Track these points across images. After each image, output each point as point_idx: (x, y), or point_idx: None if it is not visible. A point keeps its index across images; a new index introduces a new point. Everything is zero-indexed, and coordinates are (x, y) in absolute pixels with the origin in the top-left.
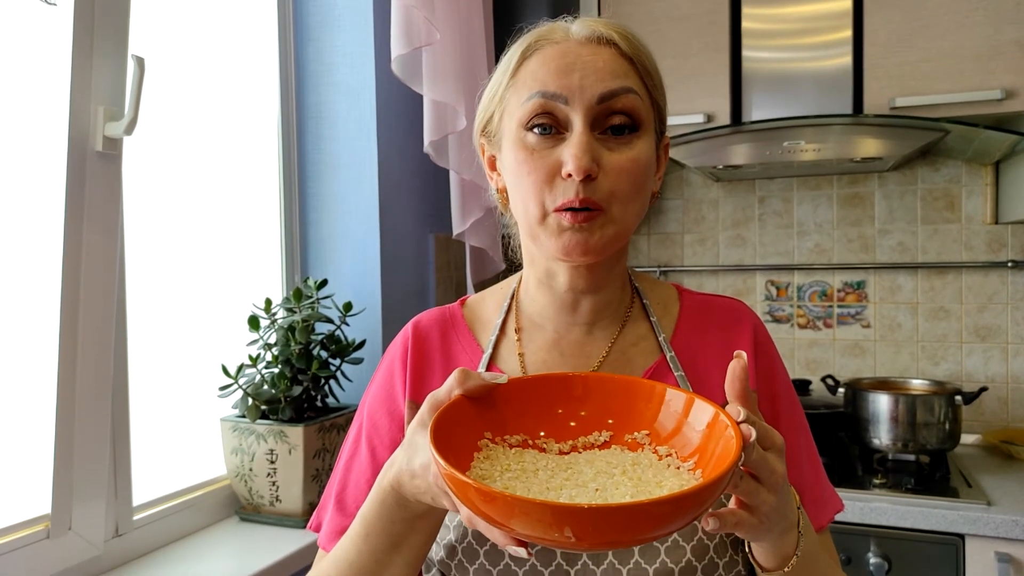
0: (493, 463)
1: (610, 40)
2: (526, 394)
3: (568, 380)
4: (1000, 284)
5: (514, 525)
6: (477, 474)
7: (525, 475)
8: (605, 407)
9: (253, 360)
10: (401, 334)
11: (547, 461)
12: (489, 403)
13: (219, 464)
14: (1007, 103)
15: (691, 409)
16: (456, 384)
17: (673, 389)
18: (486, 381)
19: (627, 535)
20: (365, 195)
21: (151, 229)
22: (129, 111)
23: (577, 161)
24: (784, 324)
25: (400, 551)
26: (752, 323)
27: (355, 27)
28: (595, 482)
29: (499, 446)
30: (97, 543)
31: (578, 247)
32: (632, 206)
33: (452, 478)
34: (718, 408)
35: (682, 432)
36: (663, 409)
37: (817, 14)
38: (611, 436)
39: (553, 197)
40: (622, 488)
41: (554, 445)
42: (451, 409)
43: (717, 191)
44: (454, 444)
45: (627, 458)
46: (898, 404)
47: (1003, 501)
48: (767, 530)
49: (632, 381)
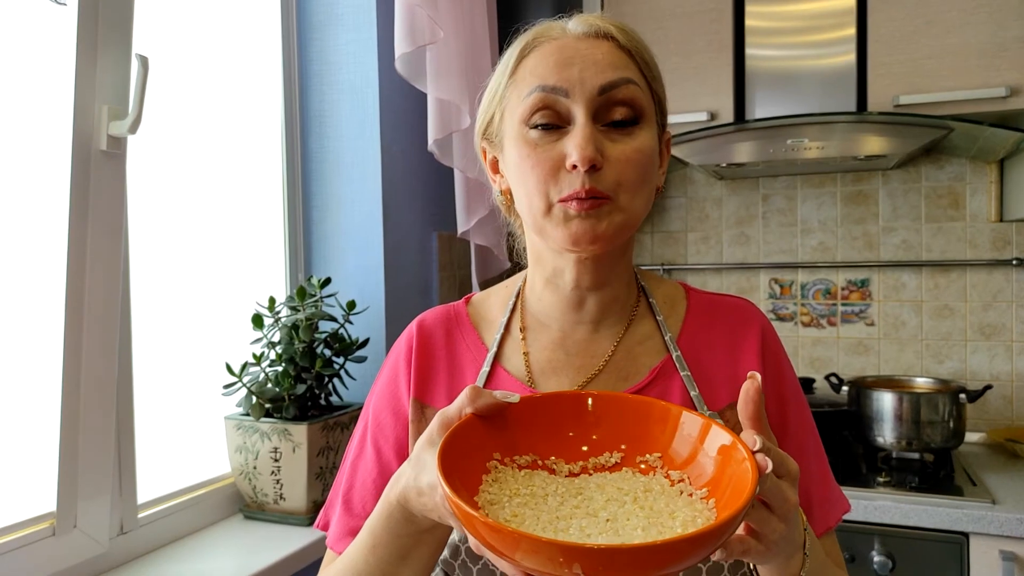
0: (502, 487)
1: (608, 34)
2: (537, 412)
3: (580, 399)
4: (1005, 282)
5: (519, 559)
6: (485, 499)
7: (534, 500)
8: (618, 430)
9: (257, 358)
10: (405, 333)
11: (556, 486)
12: (499, 421)
13: (223, 462)
14: (1012, 100)
15: (707, 435)
16: (467, 402)
17: (689, 412)
18: (497, 400)
19: (637, 573)
20: (368, 193)
21: (155, 228)
22: (133, 110)
23: (581, 151)
24: (788, 322)
25: (407, 563)
26: (760, 323)
27: (358, 26)
28: (606, 511)
29: (508, 467)
30: (102, 541)
31: (586, 235)
32: (639, 196)
33: (459, 509)
34: (735, 436)
35: (697, 459)
36: (678, 433)
37: (821, 11)
38: (622, 458)
39: (558, 189)
40: (633, 519)
41: (564, 466)
42: (460, 430)
43: (721, 189)
44: (462, 466)
45: (639, 483)
46: (902, 402)
47: (1008, 499)
48: (774, 556)
49: (646, 402)
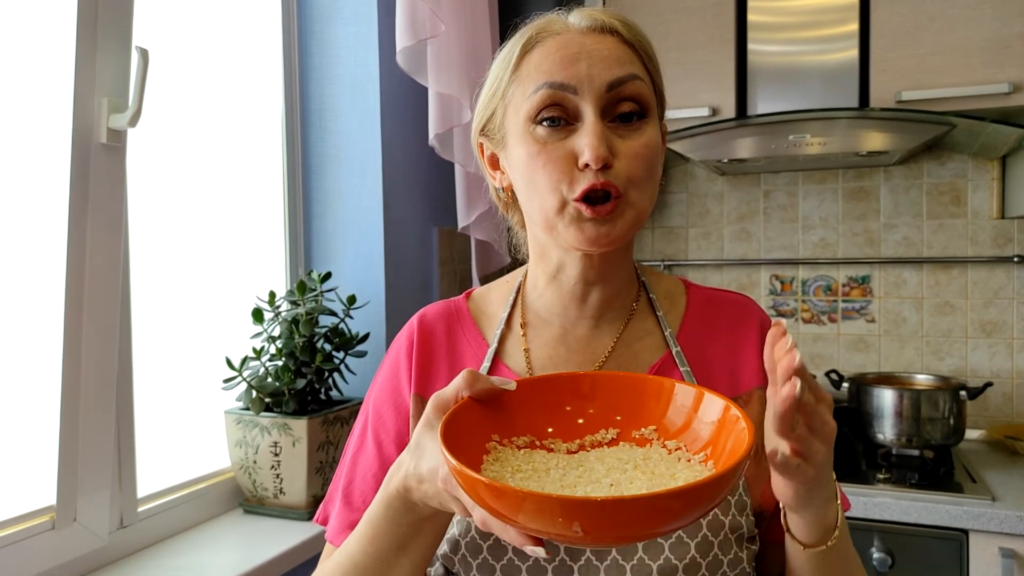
0: (503, 464)
1: (611, 28)
2: (533, 394)
3: (576, 379)
4: (1006, 279)
5: (523, 520)
6: (487, 476)
7: (537, 475)
8: (613, 404)
9: (257, 353)
10: (406, 327)
11: (557, 460)
12: (496, 404)
13: (223, 456)
14: (1014, 97)
15: (701, 403)
16: (465, 386)
17: (682, 384)
18: (495, 385)
19: (640, 529)
20: (369, 188)
21: (155, 221)
22: (133, 103)
23: (594, 151)
24: (788, 319)
25: (406, 553)
26: (760, 320)
27: (358, 19)
28: (608, 477)
29: (507, 448)
30: (102, 534)
31: (601, 239)
32: (647, 190)
33: (462, 475)
34: (728, 401)
35: (692, 427)
36: (672, 404)
37: (823, 7)
38: (618, 433)
39: (571, 188)
40: (637, 483)
41: (562, 445)
42: (459, 411)
43: (722, 185)
44: (462, 446)
45: (637, 453)
46: (902, 399)
47: (1007, 496)
48: (818, 486)
49: (640, 378)
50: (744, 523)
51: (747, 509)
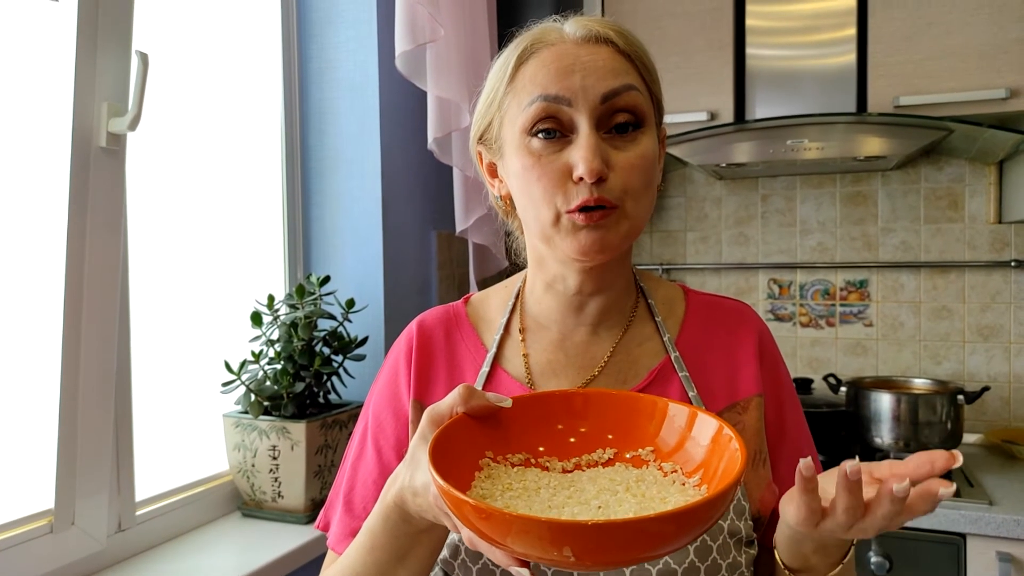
0: (495, 482)
1: (606, 38)
2: (528, 411)
3: (569, 397)
4: (1003, 283)
5: (510, 543)
6: (478, 493)
7: (527, 493)
8: (605, 422)
9: (256, 356)
10: (405, 333)
11: (549, 479)
12: (492, 420)
13: (222, 460)
14: (1011, 102)
15: (694, 423)
16: (460, 402)
17: (676, 404)
18: (490, 402)
19: (629, 553)
20: (368, 192)
21: (154, 225)
22: (133, 107)
23: (588, 164)
24: (786, 323)
25: (405, 564)
26: (757, 327)
27: (358, 23)
28: (598, 499)
29: (501, 465)
30: (100, 538)
31: (595, 245)
32: (644, 201)
33: (448, 495)
34: (722, 422)
35: (685, 448)
36: (666, 424)
37: (821, 12)
38: (615, 453)
39: (566, 200)
40: (625, 505)
41: (557, 463)
42: (452, 427)
43: (720, 189)
44: (455, 462)
45: (631, 475)
46: (900, 403)
47: (1005, 501)
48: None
49: (634, 397)
50: (743, 527)
51: (746, 513)
